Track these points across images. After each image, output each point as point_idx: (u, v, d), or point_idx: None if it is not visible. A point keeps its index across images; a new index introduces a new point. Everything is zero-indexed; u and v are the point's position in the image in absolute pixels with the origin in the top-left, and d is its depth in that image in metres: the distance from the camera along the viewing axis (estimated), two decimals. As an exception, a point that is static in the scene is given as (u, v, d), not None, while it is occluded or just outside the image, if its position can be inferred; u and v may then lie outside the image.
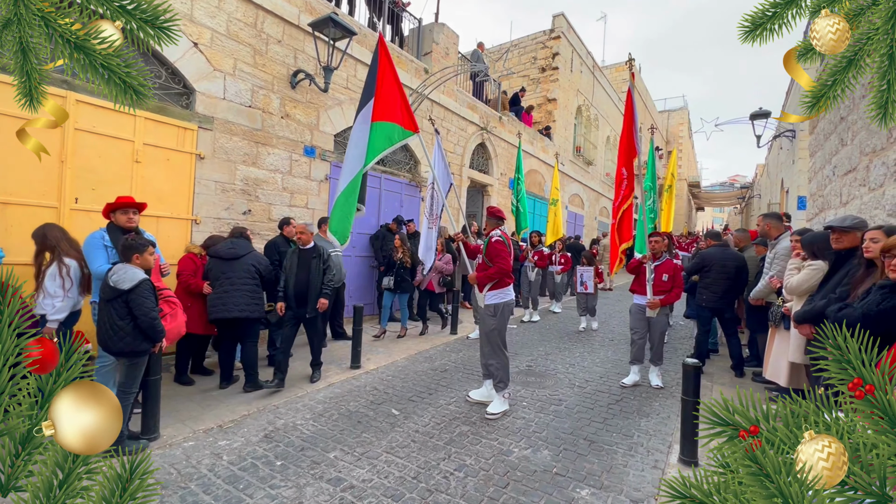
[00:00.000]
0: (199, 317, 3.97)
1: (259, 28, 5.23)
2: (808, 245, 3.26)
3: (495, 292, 3.69)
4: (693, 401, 2.93)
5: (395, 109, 3.93)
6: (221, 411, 3.51)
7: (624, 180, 4.92)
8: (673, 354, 5.85)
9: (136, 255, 2.93)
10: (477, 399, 3.85)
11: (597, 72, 17.57)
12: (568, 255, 8.72)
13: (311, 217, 5.99)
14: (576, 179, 15.73)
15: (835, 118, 4.53)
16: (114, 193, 4.10)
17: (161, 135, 4.42)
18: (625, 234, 4.93)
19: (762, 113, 10.66)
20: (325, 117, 6.16)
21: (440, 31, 8.59)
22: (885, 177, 3.05)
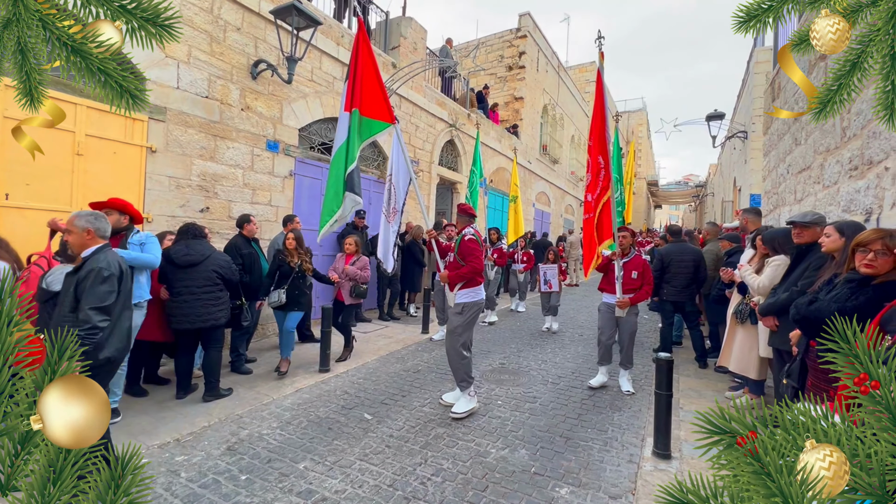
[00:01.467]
0: (155, 323, 3.66)
1: (216, 14, 4.92)
2: (770, 241, 3.39)
3: (466, 291, 3.63)
4: (666, 394, 2.98)
5: (370, 99, 3.75)
6: (179, 423, 3.26)
7: (601, 170, 4.44)
8: (640, 348, 6.00)
9: None
10: (450, 402, 3.74)
11: (561, 72, 17.89)
12: (531, 253, 8.47)
13: (275, 215, 5.73)
14: (542, 177, 15.97)
15: (788, 119, 4.75)
16: (52, 189, 3.74)
17: (107, 126, 4.07)
18: (605, 231, 4.46)
19: (717, 115, 11.16)
20: (289, 110, 5.89)
21: (408, 25, 8.43)
22: (839, 175, 3.20)
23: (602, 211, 4.42)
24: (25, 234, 3.52)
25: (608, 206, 4.38)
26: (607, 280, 4.40)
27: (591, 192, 4.49)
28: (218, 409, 3.52)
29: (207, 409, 3.51)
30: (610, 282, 4.33)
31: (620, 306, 4.15)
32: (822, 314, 1.94)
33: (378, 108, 3.77)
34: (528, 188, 14.65)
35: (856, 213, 2.97)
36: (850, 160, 3.03)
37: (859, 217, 2.88)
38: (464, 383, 3.59)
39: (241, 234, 4.59)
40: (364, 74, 3.75)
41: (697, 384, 4.51)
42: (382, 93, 3.78)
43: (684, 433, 3.35)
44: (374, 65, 3.77)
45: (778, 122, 5.36)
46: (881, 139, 2.63)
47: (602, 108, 4.45)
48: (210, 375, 3.69)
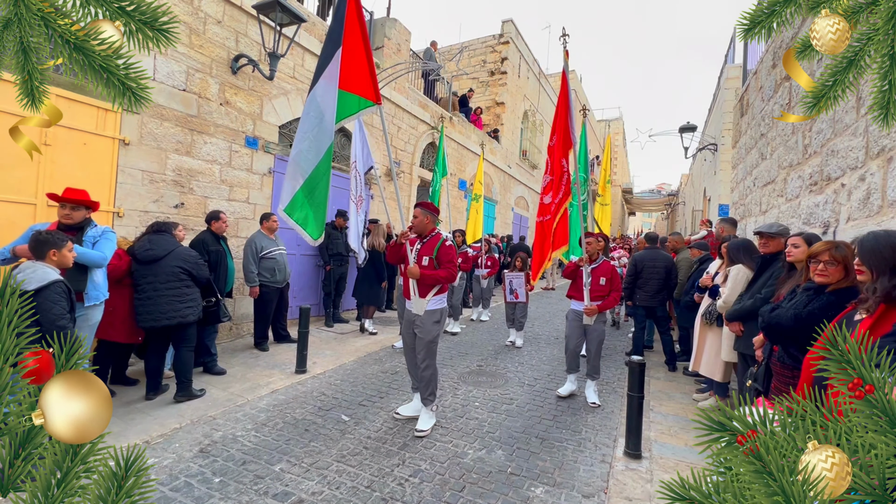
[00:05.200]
0: (122, 322, 3.53)
1: (196, 5, 4.81)
2: (735, 250, 3.55)
3: (438, 298, 3.42)
4: (638, 396, 3.08)
5: (357, 74, 3.26)
6: (148, 425, 3.17)
7: (564, 173, 4.32)
8: (612, 350, 6.17)
9: (53, 252, 2.58)
10: (408, 415, 3.53)
11: (542, 79, 18.20)
12: (495, 257, 7.91)
13: (253, 212, 5.62)
14: (522, 182, 16.20)
15: (755, 134, 5.00)
16: (15, 179, 3.58)
17: (76, 116, 3.92)
18: (560, 238, 4.42)
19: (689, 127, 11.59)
20: (270, 107, 5.80)
21: (392, 26, 8.43)
22: (800, 189, 3.39)
23: (561, 218, 4.34)
24: (-14, 226, 3.35)
25: (566, 213, 4.34)
26: (575, 287, 4.29)
27: (551, 195, 4.36)
28: (190, 411, 3.43)
29: (179, 411, 3.42)
30: (578, 288, 4.22)
31: (588, 313, 4.04)
32: (783, 320, 2.06)
33: (362, 83, 3.26)
34: (507, 192, 14.83)
35: (815, 226, 3.15)
36: (810, 176, 3.22)
37: (818, 230, 3.06)
38: (432, 396, 3.41)
39: (209, 229, 4.46)
40: (350, 42, 3.20)
41: (667, 386, 4.67)
42: (370, 66, 3.26)
43: (655, 433, 3.47)
44: (363, 30, 3.25)
45: (746, 136, 5.62)
46: (838, 157, 2.80)
47: (566, 106, 4.25)
48: (181, 375, 3.60)
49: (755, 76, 5.32)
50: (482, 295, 7.95)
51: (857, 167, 2.61)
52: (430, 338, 3.36)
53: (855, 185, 2.62)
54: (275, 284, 5.05)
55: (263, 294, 4.96)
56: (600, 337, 4.15)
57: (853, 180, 2.62)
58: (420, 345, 3.38)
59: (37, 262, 2.54)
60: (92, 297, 3.12)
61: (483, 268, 7.67)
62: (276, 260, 5.01)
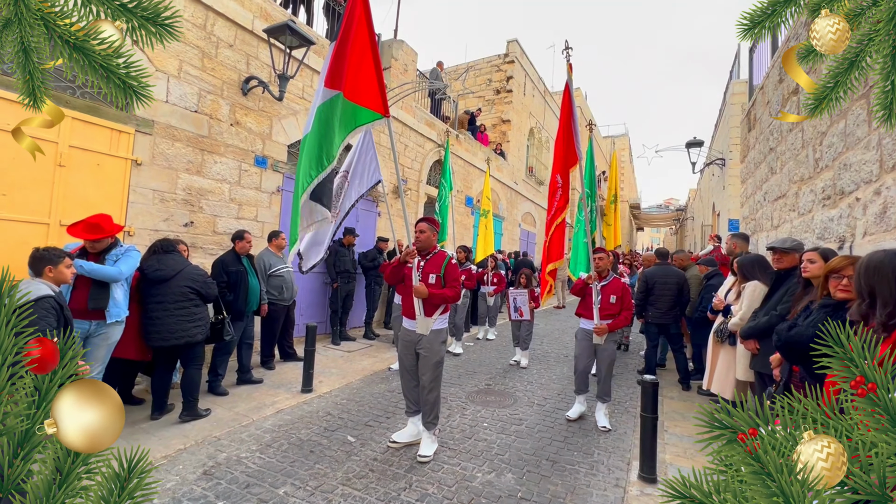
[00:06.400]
0: (132, 340, 3.53)
1: (209, 30, 4.95)
2: (741, 267, 3.48)
3: (443, 317, 3.31)
4: (651, 417, 2.98)
5: (360, 81, 3.05)
6: (152, 446, 3.13)
7: (558, 190, 4.24)
8: (624, 369, 6.04)
9: (49, 268, 2.61)
10: (405, 441, 3.32)
11: (547, 97, 18.39)
12: (501, 274, 7.74)
13: (261, 231, 5.66)
14: (528, 198, 16.22)
15: (764, 149, 4.96)
16: (30, 199, 3.64)
17: (92, 137, 4.00)
18: (554, 252, 4.34)
19: (696, 142, 11.58)
20: (279, 127, 5.90)
21: (399, 47, 8.61)
22: (813, 203, 3.34)
23: (555, 231, 4.28)
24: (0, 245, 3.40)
25: (561, 227, 4.29)
26: (584, 305, 4.12)
27: (548, 212, 4.34)
28: (195, 431, 3.39)
29: (183, 431, 3.38)
30: (587, 306, 4.06)
31: (598, 333, 3.88)
32: (803, 339, 1.99)
33: (369, 95, 3.09)
34: (514, 209, 14.84)
35: (830, 241, 3.08)
36: (822, 190, 3.17)
37: (833, 245, 2.99)
38: (436, 419, 3.26)
39: (233, 249, 4.51)
40: (356, 50, 2.97)
41: (681, 406, 4.54)
42: (378, 77, 3.07)
43: (670, 456, 3.35)
44: (373, 40, 3.05)
45: (754, 151, 5.58)
46: (852, 171, 2.76)
47: (569, 121, 4.13)
48: (188, 395, 3.57)
49: (762, 91, 5.32)
50: (488, 313, 7.76)
51: (871, 181, 2.56)
52: (438, 358, 3.24)
53: (870, 200, 2.57)
54: (282, 302, 5.04)
55: (270, 312, 4.95)
56: (611, 357, 3.99)
57: (868, 194, 2.57)
58: (426, 366, 3.23)
59: (33, 279, 2.56)
60: (113, 315, 3.15)
61: (489, 285, 7.50)
62: (283, 278, 5.02)
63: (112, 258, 3.21)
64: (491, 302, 7.67)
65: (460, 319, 6.68)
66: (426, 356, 3.22)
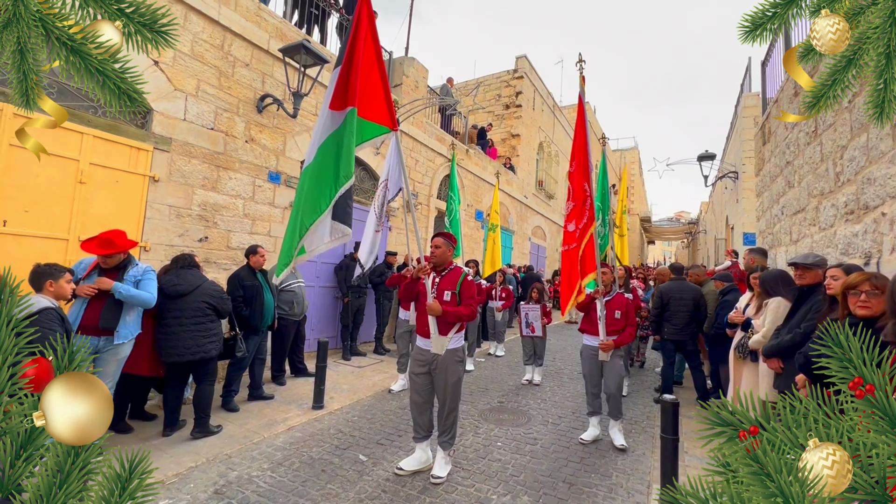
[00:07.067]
0: (146, 356, 3.54)
1: (226, 50, 5.07)
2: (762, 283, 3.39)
3: (459, 335, 3.20)
4: (672, 438, 2.89)
5: (372, 99, 3.01)
6: (164, 463, 3.10)
7: (587, 198, 4.11)
8: (640, 387, 5.90)
9: (50, 283, 2.66)
10: (412, 469, 3.15)
11: (557, 111, 18.49)
12: (509, 289, 7.57)
13: (274, 245, 5.70)
14: (538, 212, 16.18)
15: (780, 162, 4.89)
16: (50, 216, 3.71)
17: (111, 155, 4.09)
18: (589, 265, 4.15)
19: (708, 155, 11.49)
20: (293, 143, 5.99)
21: (410, 64, 8.74)
22: (835, 218, 3.26)
23: (587, 243, 4.14)
24: (20, 261, 3.45)
25: (593, 237, 4.14)
26: (588, 320, 4.02)
27: (574, 221, 4.17)
28: (206, 448, 3.37)
29: (195, 448, 3.36)
30: (591, 322, 3.97)
31: (603, 349, 3.79)
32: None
33: (377, 109, 3.04)
34: (524, 222, 14.81)
35: (854, 257, 3.00)
36: (845, 204, 3.10)
37: (858, 260, 2.91)
38: (452, 441, 3.17)
39: (247, 264, 4.53)
40: (364, 65, 2.91)
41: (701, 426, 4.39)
42: (385, 90, 3.05)
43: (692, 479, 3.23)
44: (379, 54, 3.03)
45: (770, 164, 5.51)
46: (876, 185, 2.69)
47: (583, 132, 4.15)
48: (201, 411, 3.55)
49: (776, 104, 5.27)
50: (496, 328, 7.60)
51: (897, 195, 2.49)
52: (456, 378, 3.12)
53: (896, 214, 2.50)
54: (292, 317, 5.04)
55: (281, 327, 4.95)
56: (620, 373, 3.88)
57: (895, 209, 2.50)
58: (443, 387, 3.11)
59: (35, 294, 2.61)
60: (122, 336, 3.16)
61: (497, 300, 7.34)
62: (294, 293, 5.02)
63: (130, 279, 3.23)
64: (499, 317, 7.51)
65: (472, 335, 6.58)
66: (443, 377, 3.10)
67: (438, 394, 3.17)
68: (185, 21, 4.64)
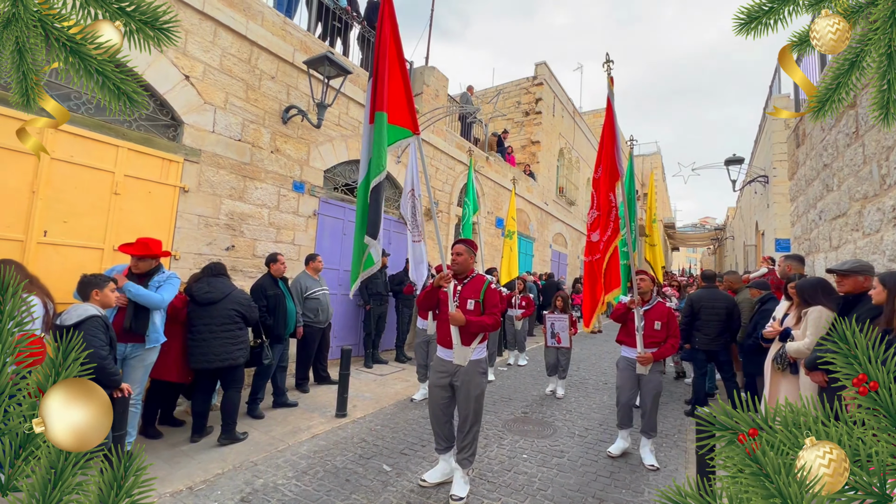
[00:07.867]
0: (175, 362, 3.61)
1: (253, 64, 5.21)
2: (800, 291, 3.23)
3: (482, 345, 3.09)
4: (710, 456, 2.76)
5: (395, 101, 3.06)
6: (192, 469, 3.14)
7: (613, 208, 3.94)
8: (669, 398, 5.70)
9: (96, 292, 2.78)
10: (436, 481, 3.09)
11: (577, 117, 18.32)
12: (530, 297, 7.42)
13: (298, 254, 5.78)
14: (559, 219, 16.00)
15: (817, 165, 4.69)
16: (87, 226, 3.85)
17: (144, 166, 4.23)
18: (614, 279, 3.99)
19: (736, 159, 11.18)
20: (317, 153, 6.08)
21: (431, 73, 8.81)
22: (880, 222, 3.09)
23: (612, 255, 3.96)
24: (59, 270, 3.59)
25: (617, 251, 3.97)
26: (626, 331, 3.84)
27: (598, 232, 4.00)
28: (233, 455, 3.39)
29: (222, 455, 3.39)
30: (629, 333, 3.79)
31: (642, 362, 3.61)
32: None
33: (401, 113, 3.12)
34: (545, 229, 14.66)
35: (904, 263, 2.83)
36: (893, 208, 2.93)
37: (909, 267, 2.74)
38: (472, 458, 3.03)
39: (268, 273, 4.59)
40: (391, 70, 3.02)
41: (736, 441, 4.20)
42: (407, 94, 3.12)
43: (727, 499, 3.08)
44: (401, 58, 3.09)
45: (805, 167, 5.30)
46: (927, 188, 2.54)
47: (612, 137, 3.94)
48: (228, 417, 3.60)
49: (810, 106, 5.06)
50: (516, 337, 7.41)
51: (951, 198, 2.34)
52: (479, 391, 3.01)
53: (951, 219, 2.34)
54: (317, 325, 5.07)
55: (306, 335, 4.98)
56: (657, 388, 3.68)
57: (949, 213, 2.35)
58: (465, 400, 2.98)
59: (81, 303, 2.71)
60: (152, 339, 3.24)
61: (517, 308, 7.19)
62: (319, 300, 5.06)
63: (154, 284, 3.31)
64: (519, 326, 7.34)
65: (492, 345, 6.45)
66: (466, 389, 2.99)
67: (460, 407, 3.04)
68: (215, 37, 4.78)
